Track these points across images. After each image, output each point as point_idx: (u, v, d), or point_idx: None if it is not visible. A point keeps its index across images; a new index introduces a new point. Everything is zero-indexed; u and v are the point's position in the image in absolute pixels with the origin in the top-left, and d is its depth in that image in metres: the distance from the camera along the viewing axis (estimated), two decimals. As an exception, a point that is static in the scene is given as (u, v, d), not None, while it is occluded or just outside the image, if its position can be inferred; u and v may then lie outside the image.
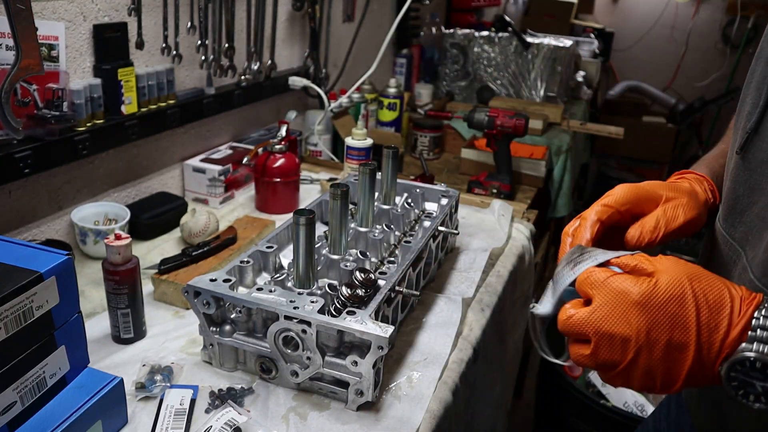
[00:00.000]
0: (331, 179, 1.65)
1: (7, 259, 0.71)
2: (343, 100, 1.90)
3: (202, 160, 1.52)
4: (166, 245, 1.29)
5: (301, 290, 0.91)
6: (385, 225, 1.15)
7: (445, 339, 1.03)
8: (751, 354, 0.53)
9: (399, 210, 1.18)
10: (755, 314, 0.54)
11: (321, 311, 0.83)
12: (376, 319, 0.86)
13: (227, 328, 0.90)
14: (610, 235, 0.71)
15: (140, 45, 1.29)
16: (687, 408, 0.86)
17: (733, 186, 0.71)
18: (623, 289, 0.56)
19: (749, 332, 0.53)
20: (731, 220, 0.71)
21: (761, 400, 0.53)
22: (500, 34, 2.57)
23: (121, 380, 0.79)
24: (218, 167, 1.48)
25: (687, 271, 0.57)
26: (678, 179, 0.81)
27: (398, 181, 1.25)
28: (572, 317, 0.59)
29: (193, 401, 0.86)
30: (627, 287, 0.56)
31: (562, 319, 0.60)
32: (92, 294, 1.10)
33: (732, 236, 0.71)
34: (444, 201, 1.26)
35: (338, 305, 0.88)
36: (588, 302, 0.59)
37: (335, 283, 0.98)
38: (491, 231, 1.44)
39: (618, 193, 0.71)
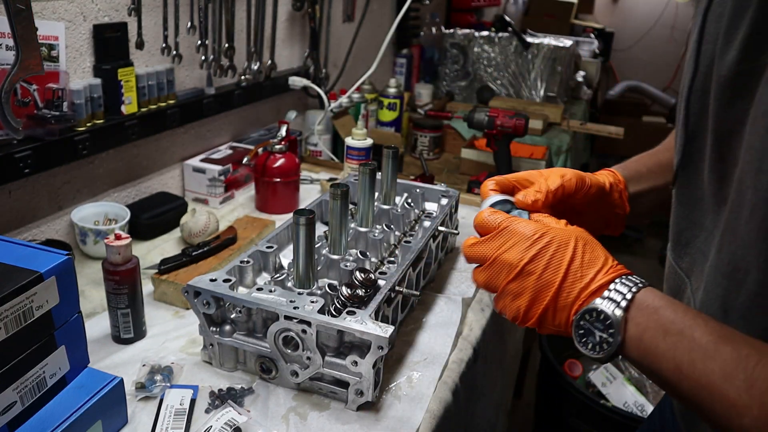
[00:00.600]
0: (331, 179, 1.65)
1: (7, 259, 0.71)
2: (343, 100, 1.90)
3: (202, 160, 1.52)
4: (166, 245, 1.29)
5: (301, 290, 0.91)
6: (385, 225, 1.15)
7: (445, 339, 1.03)
8: (600, 306, 0.60)
9: (399, 210, 1.18)
10: (615, 280, 0.61)
11: (321, 311, 0.83)
12: (376, 319, 0.86)
13: (227, 328, 0.90)
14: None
15: (140, 45, 1.29)
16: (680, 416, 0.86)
17: (675, 218, 0.75)
18: (517, 228, 0.66)
19: (605, 291, 0.61)
20: (678, 251, 0.75)
21: (595, 349, 0.61)
22: (500, 34, 2.57)
23: (121, 380, 0.79)
24: (218, 167, 1.48)
25: (579, 231, 0.65)
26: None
27: (398, 181, 1.25)
28: (473, 245, 0.68)
29: (193, 401, 0.86)
30: (521, 226, 0.66)
31: (466, 245, 0.69)
32: (92, 294, 1.10)
33: (679, 266, 0.75)
34: (444, 201, 1.26)
35: (338, 305, 0.88)
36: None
37: (335, 283, 0.98)
38: (491, 231, 1.43)
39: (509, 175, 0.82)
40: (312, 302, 0.84)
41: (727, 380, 0.53)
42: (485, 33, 2.59)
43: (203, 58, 1.45)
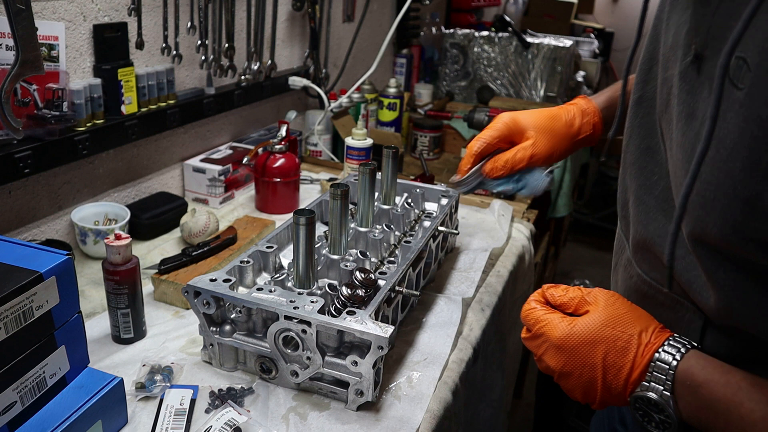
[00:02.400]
0: (331, 179, 1.65)
1: (7, 259, 0.71)
2: (343, 100, 1.90)
3: (202, 160, 1.52)
4: (166, 245, 1.29)
5: (301, 290, 0.91)
6: (385, 225, 1.15)
7: (445, 339, 1.03)
8: (647, 395, 0.63)
9: (399, 210, 1.18)
10: (654, 358, 0.63)
11: (321, 311, 0.83)
12: (376, 319, 0.86)
13: (227, 328, 0.90)
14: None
15: (140, 45, 1.29)
16: None
17: (618, 182, 0.82)
18: (547, 333, 0.70)
19: (647, 375, 0.63)
20: (620, 214, 0.81)
21: (660, 427, 0.64)
22: (500, 34, 2.57)
23: (121, 380, 0.79)
24: (218, 167, 1.48)
25: (606, 316, 0.67)
26: (569, 105, 1.03)
27: (398, 181, 1.25)
28: (525, 339, 0.75)
29: (193, 401, 0.86)
30: (549, 331, 0.69)
31: (522, 337, 0.75)
32: (92, 294, 1.10)
33: (621, 228, 0.81)
34: (444, 201, 1.26)
35: (338, 305, 0.88)
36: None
37: (335, 283, 0.98)
38: (491, 231, 1.44)
39: (492, 130, 1.02)
40: (312, 302, 0.84)
41: None
42: (485, 33, 2.59)
43: (203, 58, 1.45)
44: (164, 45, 1.35)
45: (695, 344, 0.64)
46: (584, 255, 3.85)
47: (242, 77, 1.61)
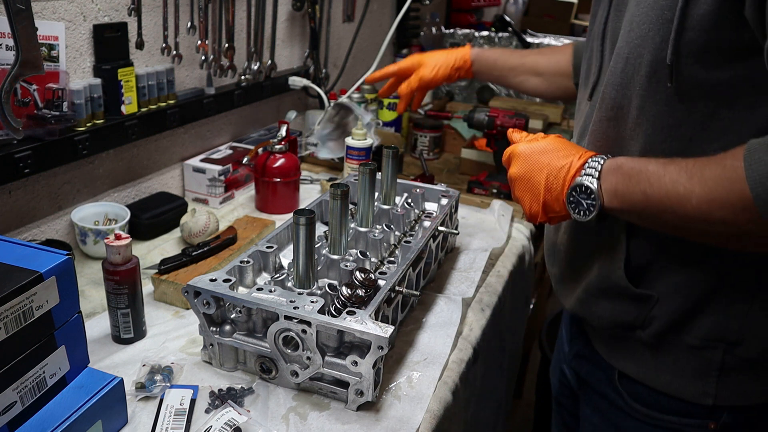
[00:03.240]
0: (331, 179, 1.65)
1: (7, 259, 0.71)
2: (343, 100, 1.90)
3: (202, 160, 1.52)
4: (166, 245, 1.29)
5: (301, 290, 0.91)
6: (385, 225, 1.15)
7: (445, 339, 1.03)
8: (580, 182, 0.80)
9: (399, 210, 1.18)
10: (588, 161, 0.81)
11: (321, 311, 0.83)
12: (376, 319, 0.86)
13: (227, 328, 0.90)
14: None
15: (140, 45, 1.29)
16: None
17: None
18: (515, 149, 0.90)
19: (582, 171, 0.81)
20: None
21: (586, 214, 0.80)
22: (500, 34, 2.56)
23: (121, 380, 0.79)
24: (218, 167, 1.48)
25: (557, 141, 0.87)
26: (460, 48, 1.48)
27: (398, 181, 1.25)
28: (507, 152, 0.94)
29: (193, 401, 0.86)
30: (517, 147, 0.90)
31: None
32: (92, 294, 1.10)
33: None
34: (444, 201, 1.26)
35: (338, 305, 0.88)
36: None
37: (335, 283, 0.98)
38: (491, 231, 1.44)
39: (401, 63, 1.55)
40: (312, 302, 0.84)
41: (675, 184, 0.70)
42: (485, 33, 2.59)
43: (203, 58, 1.45)
44: (164, 45, 1.35)
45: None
46: (584, 255, 3.84)
47: (242, 77, 1.61)
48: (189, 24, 1.38)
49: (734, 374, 0.84)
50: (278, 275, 0.96)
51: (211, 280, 0.89)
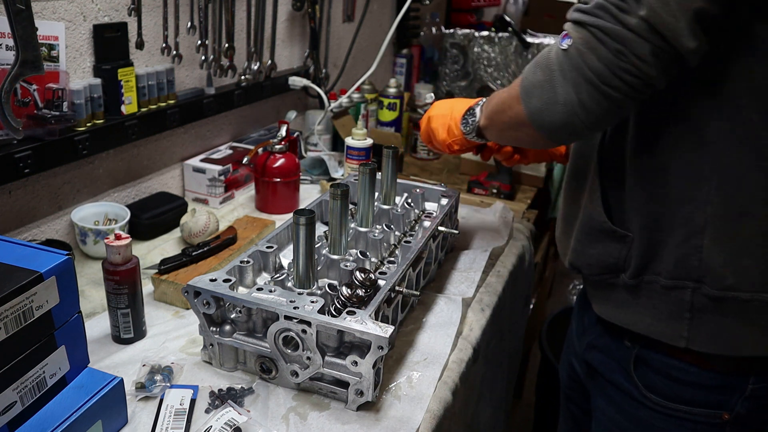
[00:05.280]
0: (331, 179, 1.65)
1: (7, 259, 0.71)
2: (343, 100, 1.90)
3: (202, 160, 1.52)
4: (166, 245, 1.29)
5: (301, 290, 0.91)
6: (385, 225, 1.15)
7: (445, 339, 1.03)
8: (472, 108, 1.06)
9: (399, 210, 1.18)
10: (480, 101, 1.06)
11: (321, 311, 0.83)
12: (376, 319, 0.86)
13: (227, 328, 0.90)
14: None
15: (140, 45, 1.29)
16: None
17: None
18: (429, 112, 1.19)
19: (476, 104, 1.06)
20: None
21: (469, 128, 1.07)
22: (500, 34, 2.56)
23: (121, 380, 0.79)
24: (218, 167, 1.48)
25: (455, 100, 1.15)
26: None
27: (398, 181, 1.25)
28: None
29: (193, 401, 0.86)
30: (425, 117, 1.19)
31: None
32: (92, 294, 1.10)
33: None
34: (444, 201, 1.26)
35: (338, 305, 0.88)
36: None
37: (335, 283, 0.98)
38: (491, 231, 1.44)
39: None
40: (312, 302, 0.84)
41: (499, 96, 0.96)
42: (485, 33, 2.59)
43: (203, 58, 1.45)
44: (164, 45, 1.35)
45: None
46: (584, 255, 3.85)
47: (242, 77, 1.61)
48: (189, 24, 1.38)
49: (705, 315, 0.86)
50: (278, 275, 0.96)
51: (211, 280, 0.89)
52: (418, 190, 1.28)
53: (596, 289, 1.00)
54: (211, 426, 0.81)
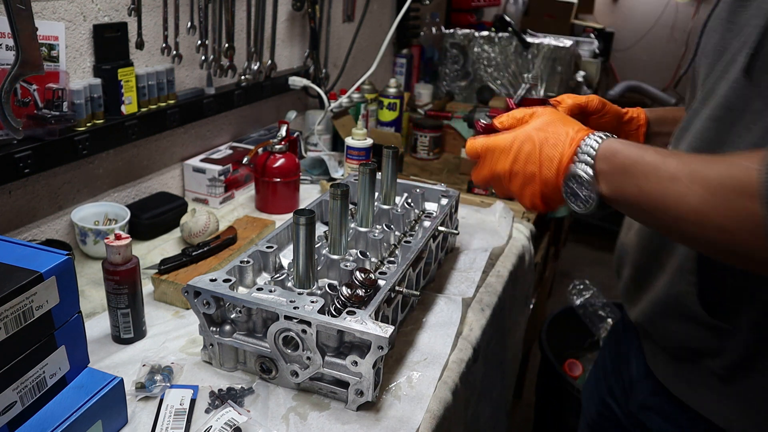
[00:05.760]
0: (331, 179, 1.65)
1: (7, 259, 0.71)
2: (343, 100, 1.90)
3: (202, 160, 1.52)
4: (166, 245, 1.29)
5: (301, 290, 0.91)
6: (385, 225, 1.15)
7: (445, 339, 1.03)
8: (575, 171, 0.72)
9: (399, 210, 1.18)
10: (581, 145, 0.73)
11: (321, 311, 0.83)
12: (376, 319, 0.86)
13: (227, 328, 0.90)
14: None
15: (140, 45, 1.29)
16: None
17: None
18: (495, 144, 0.80)
19: (575, 158, 0.73)
20: None
21: (585, 206, 0.73)
22: (500, 34, 2.56)
23: (121, 380, 0.79)
24: (218, 167, 1.48)
25: (541, 122, 0.78)
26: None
27: (398, 181, 1.25)
28: (476, 172, 0.84)
29: (193, 401, 0.86)
30: (496, 143, 0.80)
31: (474, 175, 0.86)
32: (92, 294, 1.10)
33: None
34: (444, 201, 1.26)
35: (338, 305, 0.88)
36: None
37: (335, 283, 0.98)
38: (491, 231, 1.44)
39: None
40: (312, 302, 0.84)
41: (673, 181, 0.63)
42: (485, 33, 2.59)
43: (203, 58, 1.45)
44: (164, 45, 1.35)
45: (615, 135, 0.74)
46: (584, 255, 3.85)
47: (242, 77, 1.61)
48: (189, 24, 1.38)
49: None
50: (278, 275, 0.96)
51: (211, 280, 0.89)
52: (418, 190, 1.28)
53: (667, 359, 0.86)
54: (211, 426, 0.81)
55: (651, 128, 1.02)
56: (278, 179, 1.45)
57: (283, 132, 1.48)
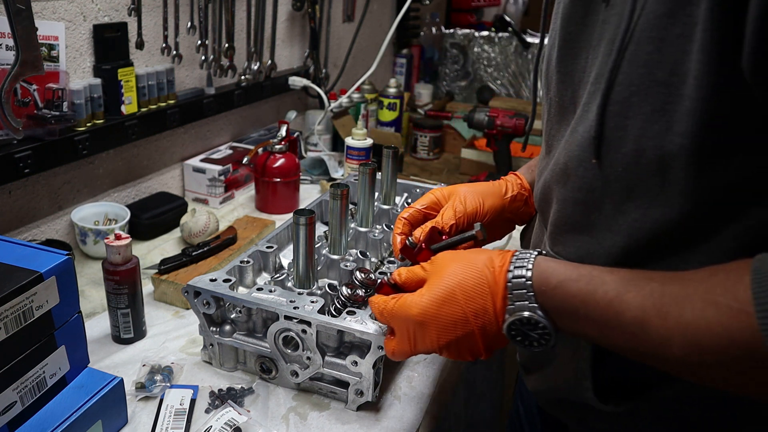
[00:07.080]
0: (331, 179, 1.65)
1: (7, 259, 0.71)
2: (343, 100, 1.90)
3: (202, 160, 1.52)
4: (166, 245, 1.29)
5: (301, 290, 0.91)
6: (385, 225, 1.15)
7: (445, 339, 1.03)
8: (517, 314, 0.61)
9: (399, 210, 1.18)
10: (507, 287, 0.62)
11: (321, 311, 0.83)
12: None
13: (227, 328, 0.90)
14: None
15: (140, 45, 1.29)
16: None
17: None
18: (405, 315, 0.69)
19: (508, 306, 0.62)
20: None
21: (542, 345, 0.62)
22: (500, 34, 2.57)
23: (121, 380, 0.79)
24: (218, 167, 1.48)
25: (449, 270, 0.67)
26: (497, 181, 0.96)
27: (398, 181, 1.25)
28: (390, 350, 0.75)
29: (193, 401, 0.86)
30: (405, 312, 0.69)
31: (387, 350, 0.76)
32: (92, 294, 1.10)
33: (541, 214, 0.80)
34: (444, 201, 1.26)
35: (338, 305, 0.88)
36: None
37: (335, 283, 0.98)
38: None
39: (420, 199, 0.92)
40: (312, 302, 0.84)
41: (643, 326, 0.53)
42: (485, 33, 2.59)
43: (203, 58, 1.45)
44: (164, 45, 1.35)
45: (540, 251, 0.65)
46: (584, 255, 3.84)
47: (242, 77, 1.61)
48: (189, 24, 1.38)
49: None
50: (278, 275, 0.96)
51: (211, 280, 0.89)
52: (418, 190, 1.28)
53: None
54: (211, 426, 0.81)
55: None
56: (278, 179, 1.45)
57: (283, 132, 1.48)
